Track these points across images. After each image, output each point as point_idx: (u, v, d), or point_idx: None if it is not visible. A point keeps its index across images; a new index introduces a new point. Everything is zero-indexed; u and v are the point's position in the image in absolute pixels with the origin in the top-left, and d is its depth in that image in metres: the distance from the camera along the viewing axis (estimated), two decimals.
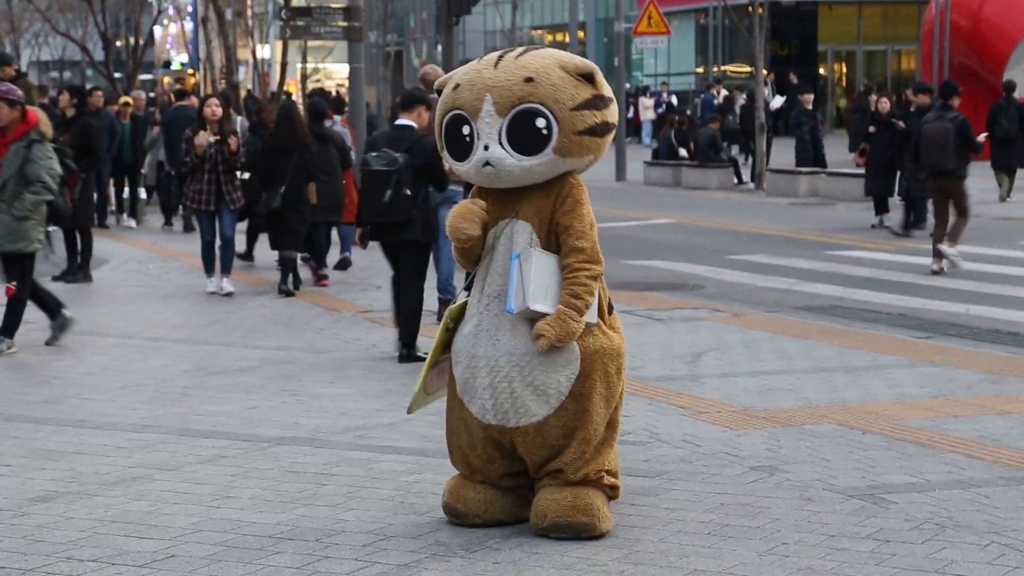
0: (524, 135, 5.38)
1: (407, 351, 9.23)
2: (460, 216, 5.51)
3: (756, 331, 10.35)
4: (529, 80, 5.38)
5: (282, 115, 12.75)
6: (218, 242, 12.42)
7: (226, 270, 12.37)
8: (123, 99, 19.48)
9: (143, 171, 19.16)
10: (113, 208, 19.39)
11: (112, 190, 19.22)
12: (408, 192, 8.91)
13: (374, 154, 9.10)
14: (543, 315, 5.38)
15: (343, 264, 13.95)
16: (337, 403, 7.97)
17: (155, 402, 8.05)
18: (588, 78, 5.43)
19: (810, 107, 24.57)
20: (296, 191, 12.41)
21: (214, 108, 12.16)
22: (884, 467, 6.48)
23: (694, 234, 16.06)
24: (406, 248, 9.18)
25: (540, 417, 5.45)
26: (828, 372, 8.78)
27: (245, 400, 8.07)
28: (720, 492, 6.09)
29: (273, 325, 10.86)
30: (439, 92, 5.66)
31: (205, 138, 12.03)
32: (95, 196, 15.73)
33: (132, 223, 19.04)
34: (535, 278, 5.37)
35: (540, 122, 5.37)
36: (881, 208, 17.90)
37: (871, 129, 17.95)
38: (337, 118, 15.33)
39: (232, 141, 12.15)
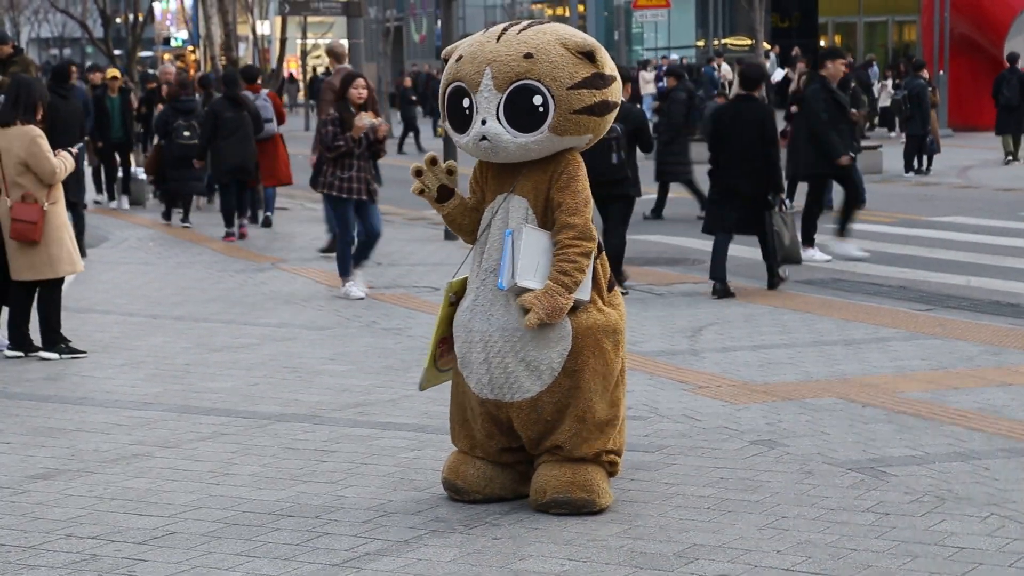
0: (521, 111, 5.36)
1: (621, 287, 10.54)
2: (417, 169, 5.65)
3: (757, 305, 10.34)
4: (528, 56, 5.35)
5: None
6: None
7: (359, 265, 11.13)
8: (110, 72, 18.15)
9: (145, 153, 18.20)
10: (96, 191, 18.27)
11: (90, 169, 17.83)
12: (623, 154, 10.64)
13: None
14: (534, 292, 5.37)
15: (267, 222, 15.91)
16: (337, 380, 7.98)
17: (155, 379, 8.05)
18: (589, 56, 5.40)
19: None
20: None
21: (361, 90, 10.80)
22: (884, 440, 6.48)
23: (695, 208, 16.01)
24: (616, 200, 10.74)
25: (533, 393, 5.44)
26: (828, 345, 8.77)
27: (245, 377, 8.08)
28: (720, 466, 6.09)
29: (273, 302, 10.85)
30: (446, 60, 5.64)
31: (368, 120, 10.66)
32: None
33: (125, 204, 18.16)
34: (525, 254, 5.36)
35: (537, 99, 5.35)
36: (793, 190, 15.29)
37: (792, 109, 15.70)
38: (264, 91, 16.60)
39: (383, 127, 10.97)
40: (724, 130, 10.95)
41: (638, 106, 11.52)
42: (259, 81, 16.88)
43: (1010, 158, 22.77)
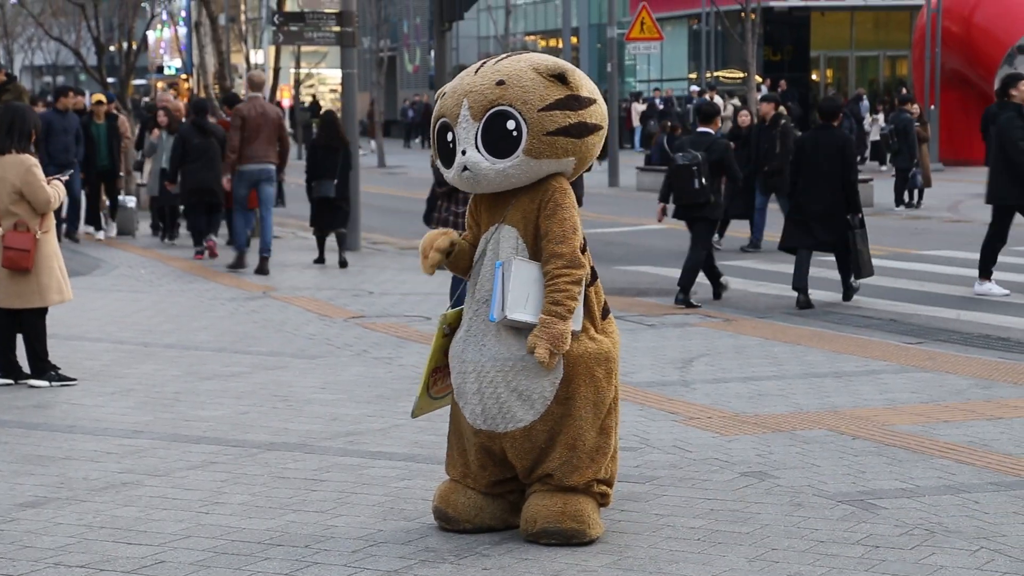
0: (497, 138, 5.39)
1: (683, 296, 11.94)
2: (427, 245, 5.57)
3: (747, 336, 10.36)
4: (500, 83, 5.40)
5: (326, 120, 15.62)
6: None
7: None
8: (96, 97, 17.81)
9: (141, 182, 17.78)
10: (85, 219, 17.91)
11: (84, 199, 17.72)
12: (704, 181, 11.91)
13: (680, 153, 12.14)
14: (525, 324, 5.38)
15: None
16: (328, 408, 7.97)
17: (146, 407, 8.04)
18: (561, 78, 5.43)
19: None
20: (344, 181, 14.98)
21: None
22: (874, 473, 6.49)
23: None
24: (699, 221, 12.14)
25: (527, 423, 5.45)
26: (819, 377, 8.78)
27: (236, 405, 8.07)
28: (710, 498, 6.09)
29: (264, 330, 10.85)
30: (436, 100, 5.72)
31: None
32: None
33: (113, 232, 17.83)
34: (515, 286, 5.37)
35: (510, 124, 5.38)
36: (724, 227, 16.20)
37: (731, 145, 15.98)
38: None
39: None
40: (806, 156, 12.15)
41: (721, 139, 12.85)
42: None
43: None
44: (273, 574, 5.15)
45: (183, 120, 16.96)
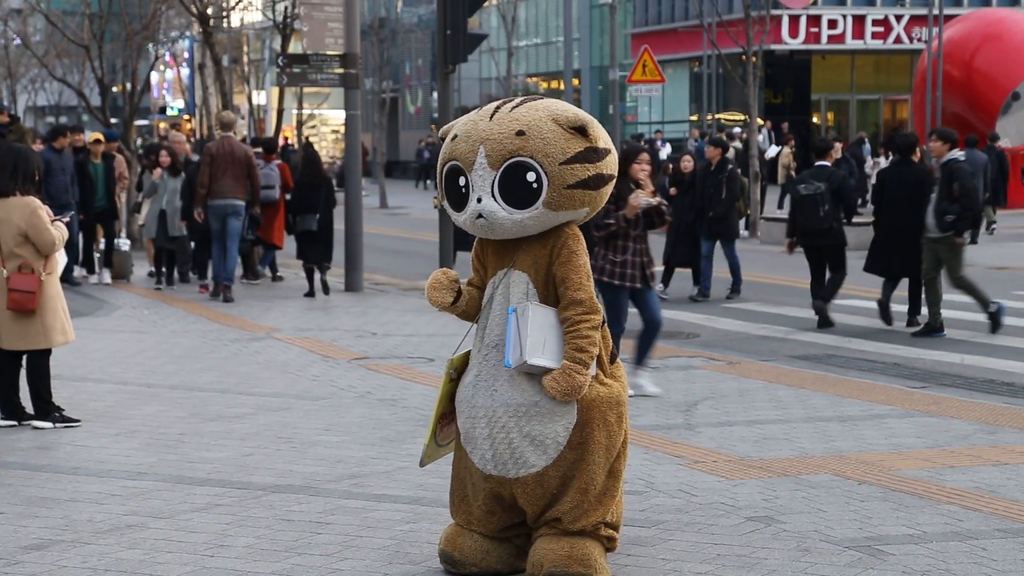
0: (515, 188, 5.39)
1: (822, 311, 13.31)
2: (433, 288, 5.60)
3: (751, 380, 10.35)
4: (520, 133, 5.39)
5: (307, 158, 16.62)
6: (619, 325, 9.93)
7: (643, 360, 9.92)
8: (93, 136, 17.40)
9: (141, 223, 17.36)
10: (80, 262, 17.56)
11: (80, 241, 17.37)
12: (828, 208, 13.25)
13: (802, 184, 13.52)
14: (543, 368, 5.38)
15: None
16: (332, 451, 7.95)
17: (150, 449, 8.02)
18: (581, 131, 5.44)
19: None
20: (326, 216, 15.86)
21: (644, 165, 9.63)
22: (881, 518, 6.47)
23: (689, 282, 16.07)
24: (826, 249, 13.50)
25: (539, 468, 5.44)
26: (823, 422, 8.77)
27: (240, 447, 8.05)
28: (716, 543, 6.07)
29: (268, 372, 10.84)
30: (442, 139, 5.70)
31: (644, 199, 9.42)
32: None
33: (107, 278, 17.17)
34: (532, 331, 5.37)
35: (531, 176, 5.38)
36: (669, 276, 16.08)
37: (672, 191, 16.26)
38: (276, 162, 17.51)
39: (660, 202, 9.66)
40: (887, 189, 13.41)
41: (838, 171, 14.04)
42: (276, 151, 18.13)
43: (993, 225, 24.41)
44: None
45: (192, 159, 17.05)
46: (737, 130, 34.38)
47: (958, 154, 12.79)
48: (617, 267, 9.55)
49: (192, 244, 16.84)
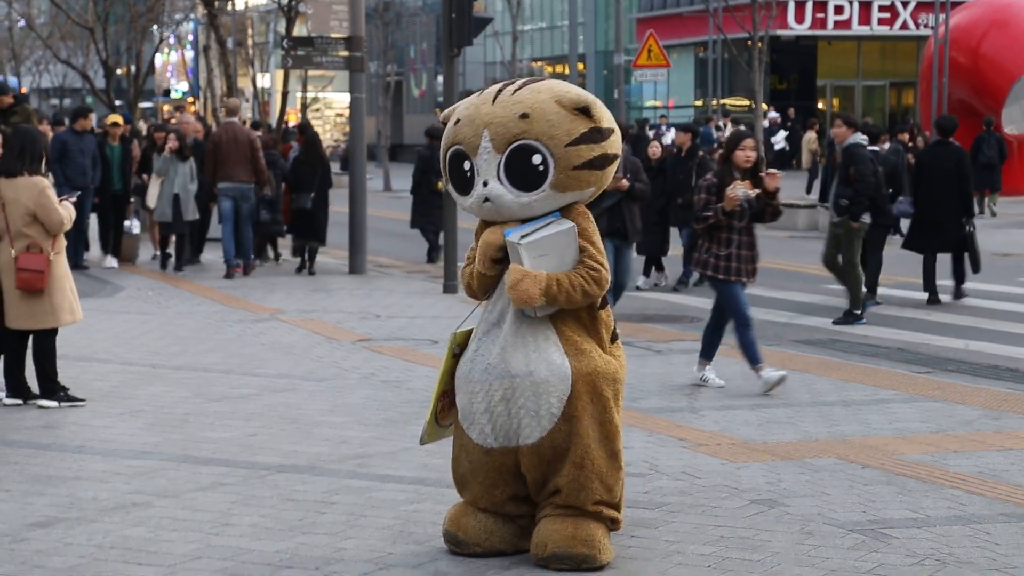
0: (521, 171, 5.40)
1: (871, 296, 13.34)
2: (491, 245, 5.53)
3: None
4: (524, 116, 5.39)
5: (308, 140, 16.95)
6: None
7: (711, 355, 9.55)
8: (111, 118, 17.26)
9: (151, 205, 16.85)
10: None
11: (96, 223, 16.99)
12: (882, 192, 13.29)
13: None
14: (528, 256, 5.37)
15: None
16: (336, 431, 7.97)
17: (154, 429, 8.04)
18: (585, 111, 5.44)
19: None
20: (321, 196, 16.39)
21: (749, 152, 9.16)
22: (884, 502, 6.47)
23: (680, 267, 16.05)
24: (875, 228, 13.14)
25: (534, 439, 5.46)
26: (827, 406, 8.78)
27: (244, 427, 8.07)
28: (720, 525, 6.08)
29: (272, 353, 10.85)
30: (444, 123, 5.69)
31: (742, 191, 8.92)
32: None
33: (114, 263, 16.79)
34: (547, 237, 5.38)
35: (536, 158, 5.39)
36: (650, 266, 15.65)
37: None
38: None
39: (772, 185, 9.06)
40: (926, 169, 14.08)
41: (891, 156, 14.96)
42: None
43: (992, 208, 25.32)
44: None
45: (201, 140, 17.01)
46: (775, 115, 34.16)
47: (859, 138, 12.73)
48: (722, 261, 9.13)
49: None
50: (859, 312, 12.65)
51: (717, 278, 9.23)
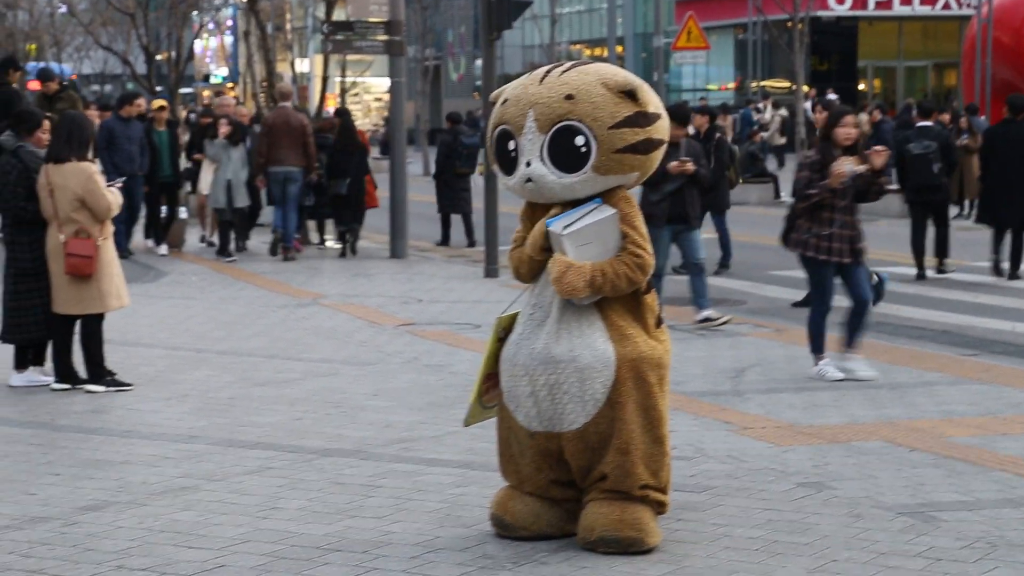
0: (564, 152, 5.40)
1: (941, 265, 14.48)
2: (540, 232, 5.52)
3: (799, 347, 10.28)
4: (569, 97, 5.39)
5: (343, 125, 17.04)
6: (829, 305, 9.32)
7: (853, 342, 9.14)
8: (157, 103, 17.30)
9: (204, 191, 16.77)
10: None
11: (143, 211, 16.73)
12: (940, 166, 14.10)
13: (912, 143, 14.23)
14: (571, 246, 5.37)
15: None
16: (381, 415, 7.99)
17: (201, 413, 8.09)
18: (631, 95, 5.43)
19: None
20: (357, 182, 16.70)
21: (849, 129, 8.81)
22: (933, 485, 6.44)
23: (735, 249, 15.98)
24: (935, 204, 14.34)
25: (579, 424, 5.46)
26: (874, 388, 8.73)
27: (290, 412, 8.10)
28: (767, 508, 6.06)
29: (315, 337, 10.89)
30: (493, 103, 5.69)
31: (849, 167, 8.69)
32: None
33: (164, 250, 16.70)
34: (590, 225, 5.37)
35: (579, 140, 5.38)
36: None
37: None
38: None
39: (880, 162, 8.77)
40: (996, 145, 14.51)
41: (944, 130, 15.29)
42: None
43: None
44: None
45: (248, 127, 17.05)
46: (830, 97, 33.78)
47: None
48: (823, 240, 8.83)
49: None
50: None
51: (818, 258, 8.91)
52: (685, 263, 11.65)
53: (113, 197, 8.73)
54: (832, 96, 35.59)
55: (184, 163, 17.52)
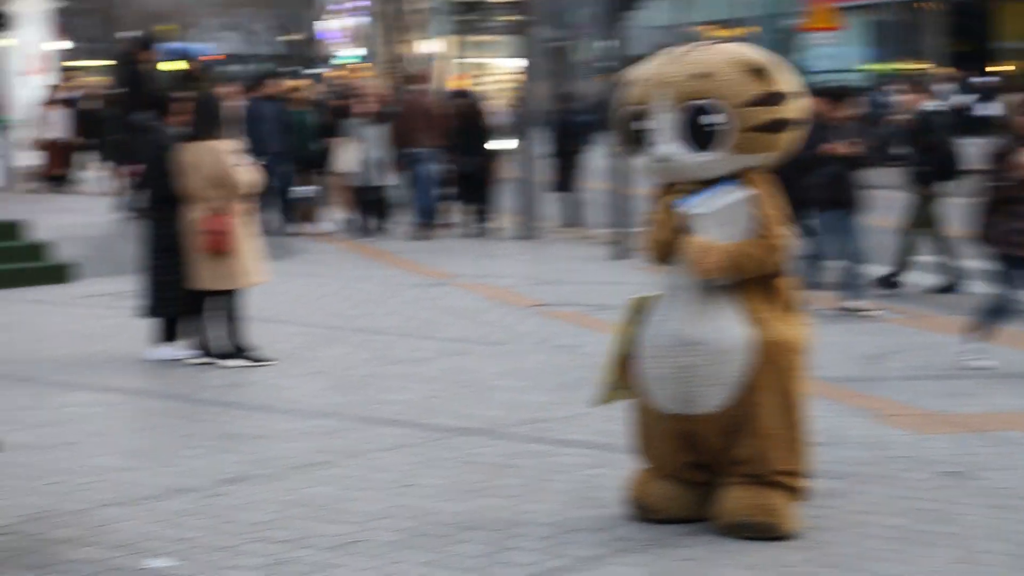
0: (696, 131, 5.35)
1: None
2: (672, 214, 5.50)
3: (937, 334, 10.08)
4: (702, 76, 5.35)
5: (468, 105, 17.39)
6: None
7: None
8: (289, 84, 17.50)
9: (342, 170, 16.72)
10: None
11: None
12: None
13: None
14: (706, 224, 5.34)
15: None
16: (513, 395, 8.00)
17: (336, 390, 8.19)
18: (763, 73, 5.36)
19: None
20: (485, 161, 16.94)
21: None
22: None
23: (871, 234, 15.70)
24: None
25: (714, 407, 5.40)
26: (1018, 377, 8.50)
27: (423, 390, 8.16)
28: (909, 496, 5.94)
29: (448, 316, 10.96)
30: (620, 84, 5.67)
31: None
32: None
33: (309, 227, 16.83)
34: (721, 202, 5.33)
35: (712, 118, 5.32)
36: None
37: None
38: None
39: None
40: None
41: None
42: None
43: None
44: (470, 556, 5.19)
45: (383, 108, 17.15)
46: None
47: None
48: (1018, 236, 8.40)
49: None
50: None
51: (1016, 255, 8.47)
52: (843, 250, 11.19)
53: (249, 175, 8.86)
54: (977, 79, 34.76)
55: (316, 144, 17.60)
